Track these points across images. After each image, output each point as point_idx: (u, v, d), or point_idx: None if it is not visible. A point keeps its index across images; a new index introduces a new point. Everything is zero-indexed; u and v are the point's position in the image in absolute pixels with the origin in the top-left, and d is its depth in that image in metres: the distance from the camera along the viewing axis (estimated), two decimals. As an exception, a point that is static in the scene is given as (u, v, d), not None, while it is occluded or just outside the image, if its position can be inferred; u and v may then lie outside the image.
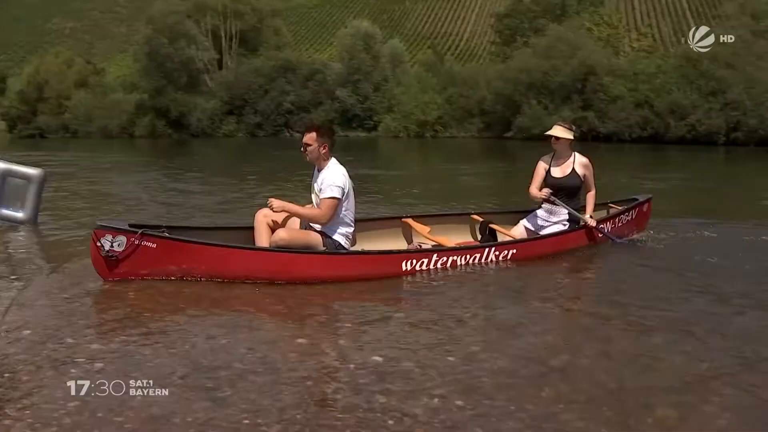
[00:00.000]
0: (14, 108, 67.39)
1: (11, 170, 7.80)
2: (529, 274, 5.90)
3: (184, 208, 10.25)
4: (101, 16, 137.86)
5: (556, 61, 40.96)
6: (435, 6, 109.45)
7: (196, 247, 5.14)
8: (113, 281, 4.98)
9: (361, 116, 48.84)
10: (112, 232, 4.85)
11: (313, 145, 5.46)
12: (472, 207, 8.49)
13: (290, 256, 5.29)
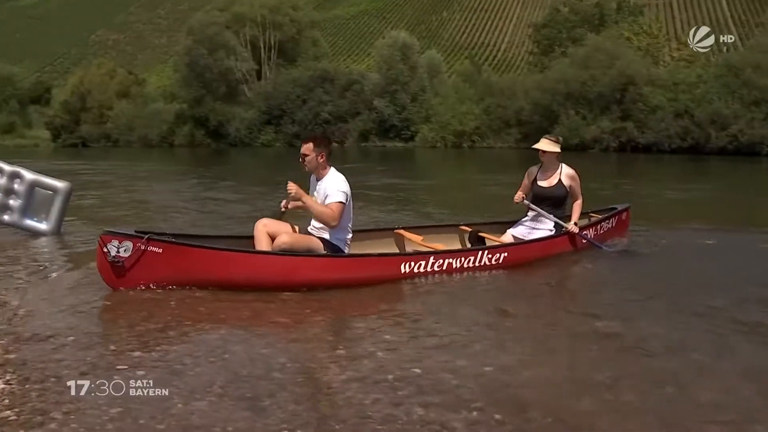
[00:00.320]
0: (58, 117, 68.76)
1: (39, 181, 7.92)
2: (539, 281, 6.04)
3: (215, 217, 10.36)
4: (143, 28, 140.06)
5: (595, 71, 40.63)
6: (472, 16, 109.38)
7: (203, 252, 5.19)
8: (120, 289, 5.00)
9: (398, 126, 48.85)
10: (118, 238, 4.89)
11: (310, 155, 5.58)
12: (493, 216, 8.42)
13: (295, 260, 5.39)
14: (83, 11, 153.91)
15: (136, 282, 5.01)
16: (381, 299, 5.28)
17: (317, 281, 5.36)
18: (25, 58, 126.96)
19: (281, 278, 5.28)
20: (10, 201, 7.83)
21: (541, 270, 6.39)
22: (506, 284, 5.92)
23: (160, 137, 57.64)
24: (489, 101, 46.09)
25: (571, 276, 6.42)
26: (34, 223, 7.91)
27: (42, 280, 5.74)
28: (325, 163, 5.68)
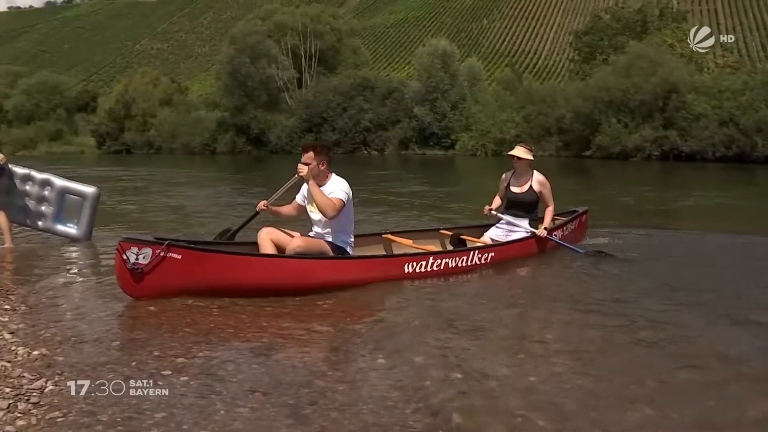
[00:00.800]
0: (103, 125, 69.96)
1: (68, 188, 8.12)
2: (554, 284, 6.27)
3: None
4: (186, 37, 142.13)
5: (637, 78, 40.10)
6: (513, 24, 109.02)
7: (222, 257, 5.29)
8: (139, 298, 5.01)
9: (438, 134, 48.75)
10: (137, 245, 4.89)
11: (312, 163, 5.74)
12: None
13: (311, 262, 5.59)
14: (128, 22, 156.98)
15: (155, 289, 5.00)
16: (413, 303, 5.37)
17: (330, 282, 5.54)
18: (72, 68, 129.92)
19: (297, 281, 5.46)
20: (42, 208, 8.06)
21: (551, 273, 6.74)
22: (523, 287, 6.18)
23: (202, 145, 58.33)
24: (529, 109, 45.73)
25: (583, 280, 6.41)
26: (65, 228, 8.12)
27: (84, 285, 5.86)
28: (327, 170, 5.89)
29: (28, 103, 77.48)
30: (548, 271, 6.95)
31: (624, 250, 7.59)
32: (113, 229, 9.61)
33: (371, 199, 14.83)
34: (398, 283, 5.89)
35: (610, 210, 12.66)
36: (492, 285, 6.29)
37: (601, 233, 8.75)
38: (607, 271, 6.62)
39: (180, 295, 5.06)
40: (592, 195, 17.24)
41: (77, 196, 8.07)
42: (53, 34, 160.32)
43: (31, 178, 8.05)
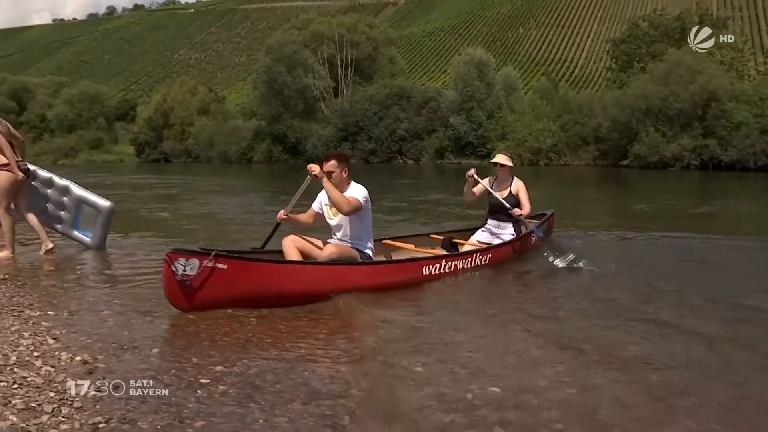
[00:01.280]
0: (142, 134, 70.95)
1: (85, 198, 8.26)
2: (575, 291, 6.23)
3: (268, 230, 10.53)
4: (223, 47, 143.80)
5: (675, 86, 39.57)
6: (549, 32, 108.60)
7: (268, 266, 5.41)
8: (186, 311, 5.00)
9: (474, 144, 48.51)
10: (185, 256, 4.90)
11: (335, 171, 5.98)
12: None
13: (348, 268, 5.88)
14: (167, 32, 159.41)
15: (202, 301, 5.01)
16: (442, 308, 5.50)
17: (362, 286, 5.74)
18: (112, 78, 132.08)
19: (335, 286, 5.63)
20: (61, 213, 8.27)
21: (562, 279, 6.90)
22: (546, 292, 6.31)
23: (239, 153, 58.83)
24: (566, 118, 45.38)
25: (612, 285, 6.45)
26: (81, 235, 8.30)
27: (124, 292, 5.92)
28: (348, 178, 6.10)
29: (70, 112, 78.91)
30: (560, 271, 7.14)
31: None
32: (146, 236, 9.82)
33: (398, 207, 15.04)
34: (420, 287, 6.17)
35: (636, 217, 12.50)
36: (505, 287, 6.65)
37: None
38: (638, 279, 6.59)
39: (225, 306, 5.09)
40: (620, 203, 17.09)
41: (92, 207, 8.24)
42: (95, 45, 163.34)
43: (53, 183, 8.24)
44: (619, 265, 7.23)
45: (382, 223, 10.67)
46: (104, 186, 23.37)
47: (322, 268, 5.70)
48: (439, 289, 6.22)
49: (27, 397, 3.17)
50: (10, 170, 7.49)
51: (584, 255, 7.26)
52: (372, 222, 6.30)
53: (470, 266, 6.84)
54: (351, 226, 6.08)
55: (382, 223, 10.49)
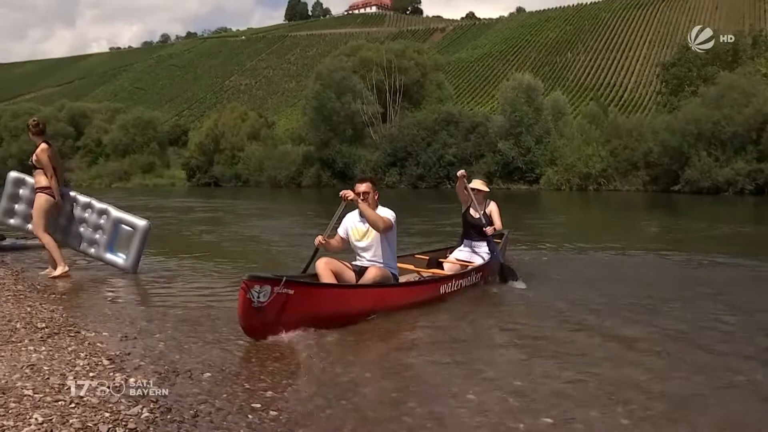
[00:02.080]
0: (194, 158, 72.07)
1: (123, 218, 8.46)
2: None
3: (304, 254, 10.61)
4: (273, 74, 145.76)
5: (729, 110, 38.88)
6: (597, 57, 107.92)
7: (331, 291, 5.70)
8: (261, 339, 5.01)
9: (522, 169, 48.29)
10: (259, 282, 4.95)
11: (370, 193, 6.33)
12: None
13: (391, 290, 6.32)
14: (219, 59, 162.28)
15: (273, 327, 5.06)
16: (483, 329, 5.68)
17: (400, 305, 6.18)
18: (166, 103, 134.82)
19: (378, 306, 5.97)
20: (96, 236, 8.44)
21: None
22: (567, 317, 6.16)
23: (288, 178, 59.31)
24: (615, 143, 44.84)
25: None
26: (114, 257, 8.46)
27: (176, 315, 6.01)
28: (377, 201, 6.45)
29: (125, 137, 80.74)
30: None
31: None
32: (191, 260, 10.03)
33: (420, 230, 15.40)
34: (443, 305, 6.62)
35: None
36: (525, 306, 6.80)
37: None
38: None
39: (289, 330, 5.16)
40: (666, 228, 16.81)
41: (129, 227, 8.41)
42: (149, 72, 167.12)
43: (91, 207, 8.47)
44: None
45: (405, 243, 10.76)
46: (149, 208, 23.85)
47: (372, 291, 6.04)
48: (458, 307, 6.60)
49: (84, 417, 3.25)
50: (49, 193, 7.84)
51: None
52: (396, 243, 6.62)
53: (471, 284, 7.40)
54: (380, 248, 6.39)
55: (405, 244, 10.55)
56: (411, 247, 10.22)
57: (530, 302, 6.94)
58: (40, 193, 7.89)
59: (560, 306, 6.63)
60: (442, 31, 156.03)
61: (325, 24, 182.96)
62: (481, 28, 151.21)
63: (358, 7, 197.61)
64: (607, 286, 7.87)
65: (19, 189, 8.51)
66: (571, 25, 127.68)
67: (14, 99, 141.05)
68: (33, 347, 4.45)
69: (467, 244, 8.35)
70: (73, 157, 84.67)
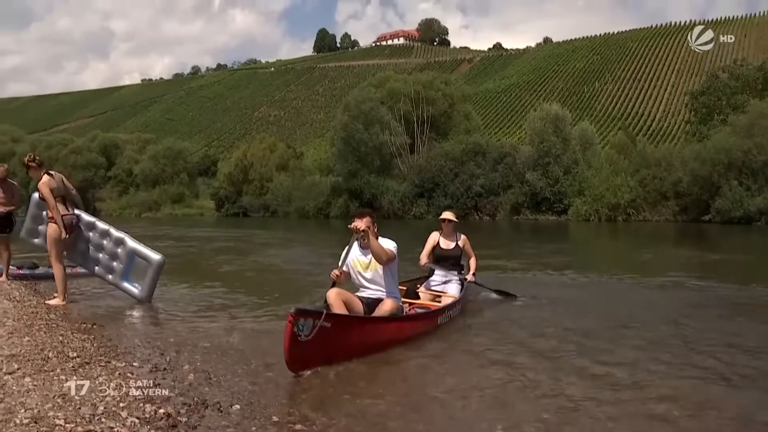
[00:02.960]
0: (223, 189, 72.80)
1: (138, 250, 8.59)
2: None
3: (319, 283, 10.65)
4: (302, 105, 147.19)
5: (760, 138, 38.61)
6: (625, 86, 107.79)
7: (361, 323, 5.89)
8: (301, 371, 5.03)
9: (550, 199, 48.07)
10: (304, 315, 4.99)
11: (370, 227, 6.42)
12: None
13: (410, 321, 6.70)
14: (248, 90, 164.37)
15: (314, 360, 5.09)
16: (502, 358, 5.58)
17: (414, 335, 6.40)
18: (195, 134, 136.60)
19: (399, 336, 6.15)
20: (113, 263, 8.60)
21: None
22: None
23: (316, 209, 59.48)
24: (644, 173, 44.60)
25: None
26: (130, 286, 8.61)
27: (203, 347, 6.02)
28: (376, 234, 6.57)
29: (155, 167, 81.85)
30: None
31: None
32: (213, 289, 10.13)
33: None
34: (443, 334, 6.83)
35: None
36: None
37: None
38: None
39: (324, 363, 5.19)
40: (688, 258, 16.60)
41: (144, 260, 8.56)
42: (179, 103, 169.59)
43: (108, 234, 8.65)
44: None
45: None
46: (172, 237, 24.07)
47: (395, 323, 6.26)
48: (462, 336, 6.89)
49: (114, 448, 3.28)
50: (58, 223, 8.06)
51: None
52: (397, 274, 6.78)
53: (459, 314, 7.74)
54: (384, 278, 6.50)
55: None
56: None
57: (532, 326, 7.18)
58: (51, 222, 8.13)
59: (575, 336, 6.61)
60: (470, 62, 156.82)
61: (353, 56, 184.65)
62: (508, 59, 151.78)
63: (386, 39, 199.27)
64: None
65: (42, 211, 8.70)
66: (598, 54, 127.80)
67: (49, 130, 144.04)
68: (65, 376, 4.49)
69: (440, 274, 8.57)
70: (104, 187, 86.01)
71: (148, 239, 8.67)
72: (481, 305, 8.75)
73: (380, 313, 6.18)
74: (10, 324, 6.37)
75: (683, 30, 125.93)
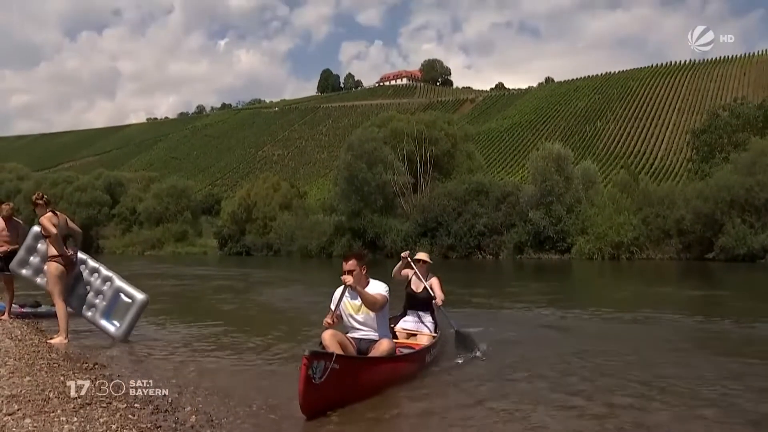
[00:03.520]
0: (226, 227, 72.68)
1: (123, 288, 8.74)
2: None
3: (306, 323, 10.76)
4: (306, 144, 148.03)
5: (762, 176, 38.66)
6: (627, 125, 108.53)
7: (367, 364, 5.95)
8: (315, 414, 5.02)
9: (554, 238, 47.88)
10: (317, 358, 5.00)
11: (356, 270, 6.42)
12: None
13: (407, 360, 6.82)
14: (252, 130, 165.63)
15: (327, 402, 5.12)
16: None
17: (409, 374, 6.55)
18: (199, 173, 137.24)
19: (397, 376, 6.27)
20: (96, 300, 8.73)
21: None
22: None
23: (319, 248, 59.25)
24: (647, 211, 44.48)
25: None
26: (108, 324, 8.70)
27: (205, 388, 6.02)
28: (366, 275, 6.59)
29: (159, 206, 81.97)
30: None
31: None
32: (207, 326, 10.24)
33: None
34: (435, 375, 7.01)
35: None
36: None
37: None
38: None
39: (334, 406, 5.22)
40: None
41: (128, 298, 8.68)
42: (184, 142, 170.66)
43: (97, 271, 8.82)
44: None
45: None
46: (173, 275, 24.05)
47: (396, 362, 6.44)
48: (451, 374, 7.11)
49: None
50: (59, 261, 8.15)
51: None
52: (388, 315, 6.92)
53: (438, 353, 7.81)
54: (376, 320, 6.56)
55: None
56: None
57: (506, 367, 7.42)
58: (51, 261, 8.22)
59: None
60: (472, 102, 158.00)
61: (357, 96, 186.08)
62: (510, 99, 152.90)
63: (389, 79, 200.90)
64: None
65: (38, 243, 8.89)
66: (600, 94, 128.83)
67: (54, 167, 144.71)
68: (65, 417, 4.48)
69: (412, 314, 8.65)
70: (108, 225, 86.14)
71: (148, 277, 8.69)
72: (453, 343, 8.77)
73: (377, 353, 6.22)
74: (12, 363, 6.37)
75: (683, 69, 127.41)
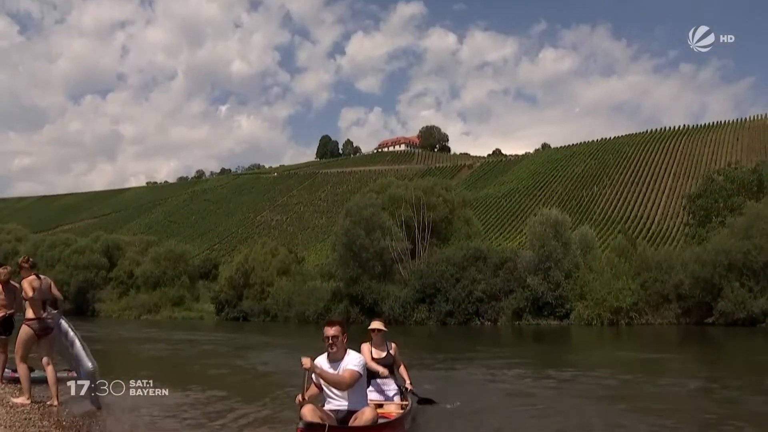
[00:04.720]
0: (223, 292, 72.27)
1: (79, 356, 8.63)
2: None
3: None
4: (304, 209, 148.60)
5: (758, 239, 38.81)
6: (623, 190, 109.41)
7: None
8: None
9: (552, 304, 47.66)
10: (311, 431, 5.04)
11: (339, 336, 6.68)
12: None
13: (393, 428, 7.00)
14: (251, 195, 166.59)
15: None
16: None
17: None
18: (198, 237, 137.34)
19: None
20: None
21: None
22: None
23: (316, 314, 58.76)
24: (645, 276, 44.44)
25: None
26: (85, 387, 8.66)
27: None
28: (346, 344, 6.83)
29: (156, 270, 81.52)
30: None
31: None
32: (202, 390, 10.22)
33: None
34: None
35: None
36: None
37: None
38: None
39: None
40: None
41: (81, 365, 8.66)
42: (183, 206, 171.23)
43: (67, 335, 8.79)
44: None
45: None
46: (161, 340, 23.91)
47: (380, 431, 6.64)
48: None
49: None
50: (31, 326, 8.28)
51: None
52: (366, 383, 7.23)
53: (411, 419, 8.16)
54: (355, 391, 6.72)
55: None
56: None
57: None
58: (24, 323, 8.32)
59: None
60: (470, 168, 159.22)
61: (355, 162, 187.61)
62: (507, 165, 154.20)
63: (388, 146, 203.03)
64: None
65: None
66: (596, 159, 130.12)
67: (53, 229, 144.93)
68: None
69: (374, 384, 8.77)
70: (105, 288, 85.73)
71: (141, 342, 8.69)
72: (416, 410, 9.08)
73: (361, 422, 6.30)
74: (1, 431, 6.32)
75: (678, 135, 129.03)
